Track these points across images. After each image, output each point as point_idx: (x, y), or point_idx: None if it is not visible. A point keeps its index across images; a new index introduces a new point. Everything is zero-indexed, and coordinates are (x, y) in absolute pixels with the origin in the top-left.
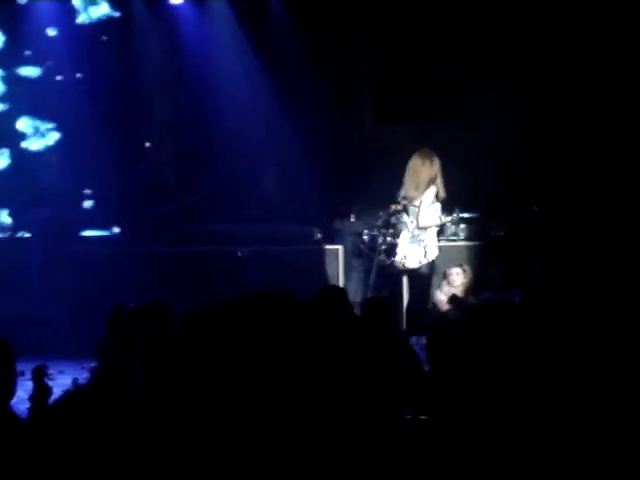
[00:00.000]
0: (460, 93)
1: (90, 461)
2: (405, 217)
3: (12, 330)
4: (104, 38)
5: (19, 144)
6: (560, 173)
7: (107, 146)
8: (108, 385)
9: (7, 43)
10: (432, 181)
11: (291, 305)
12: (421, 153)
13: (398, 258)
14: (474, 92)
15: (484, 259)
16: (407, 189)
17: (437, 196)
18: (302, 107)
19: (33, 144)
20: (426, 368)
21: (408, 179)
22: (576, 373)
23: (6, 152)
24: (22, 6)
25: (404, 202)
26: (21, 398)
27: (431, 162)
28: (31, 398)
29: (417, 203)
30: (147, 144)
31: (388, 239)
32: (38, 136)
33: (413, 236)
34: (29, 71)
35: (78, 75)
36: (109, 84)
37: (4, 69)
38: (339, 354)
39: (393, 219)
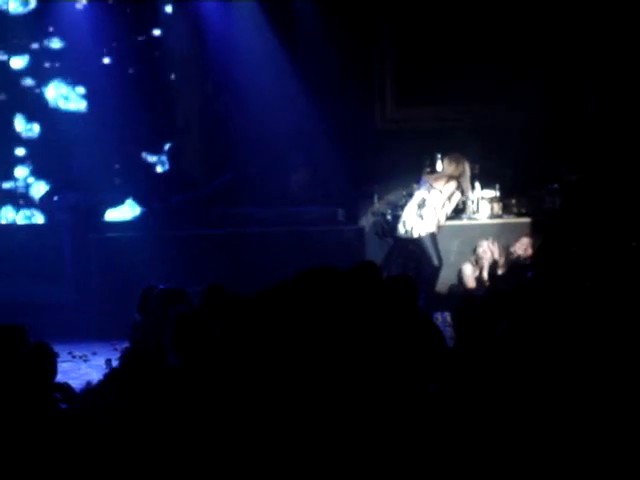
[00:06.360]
0: (480, 76)
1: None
2: (420, 192)
3: (46, 314)
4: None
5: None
6: (581, 152)
7: (135, 133)
8: (142, 365)
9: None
10: (452, 178)
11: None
12: (450, 155)
13: (405, 228)
14: (493, 74)
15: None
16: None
17: (460, 191)
18: (325, 92)
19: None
20: (450, 345)
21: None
22: (603, 355)
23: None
24: None
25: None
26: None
27: (457, 163)
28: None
29: (439, 188)
30: (174, 132)
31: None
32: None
33: (418, 209)
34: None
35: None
36: (137, 73)
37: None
38: (369, 330)
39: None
